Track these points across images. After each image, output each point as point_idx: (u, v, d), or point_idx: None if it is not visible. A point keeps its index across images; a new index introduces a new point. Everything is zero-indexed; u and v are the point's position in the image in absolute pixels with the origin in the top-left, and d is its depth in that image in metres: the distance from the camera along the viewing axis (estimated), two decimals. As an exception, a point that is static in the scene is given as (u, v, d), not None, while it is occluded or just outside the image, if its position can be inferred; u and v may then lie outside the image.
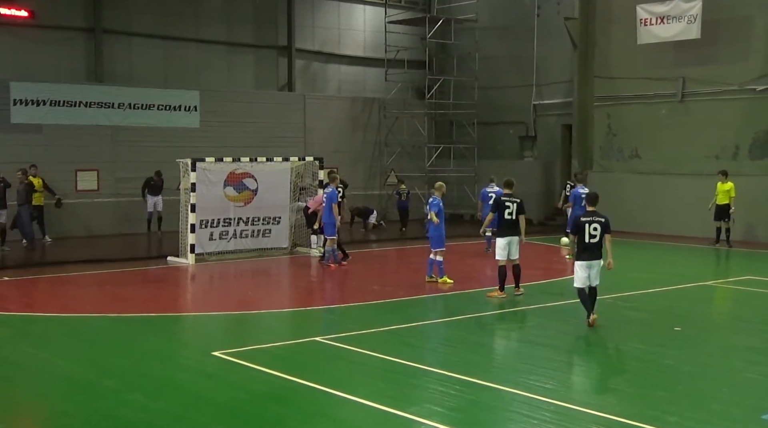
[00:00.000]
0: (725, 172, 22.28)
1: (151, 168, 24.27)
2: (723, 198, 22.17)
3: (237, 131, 26.51)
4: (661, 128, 25.83)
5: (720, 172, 22.33)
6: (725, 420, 8.37)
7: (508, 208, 14.61)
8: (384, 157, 30.49)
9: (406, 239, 24.80)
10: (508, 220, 14.62)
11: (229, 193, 20.19)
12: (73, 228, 23.90)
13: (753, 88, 23.74)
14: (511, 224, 14.62)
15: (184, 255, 19.42)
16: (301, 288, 17.48)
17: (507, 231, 14.68)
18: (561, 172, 28.87)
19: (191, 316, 14.42)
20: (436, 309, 14.41)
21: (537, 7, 29.20)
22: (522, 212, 14.66)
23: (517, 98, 29.74)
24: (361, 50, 31.45)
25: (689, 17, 24.00)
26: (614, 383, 9.68)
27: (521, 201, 14.76)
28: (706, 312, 14.70)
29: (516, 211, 14.57)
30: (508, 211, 14.59)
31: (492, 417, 8.48)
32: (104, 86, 24.99)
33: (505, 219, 14.63)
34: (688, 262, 20.71)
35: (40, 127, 23.63)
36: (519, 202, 14.67)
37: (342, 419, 8.48)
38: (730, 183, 22.07)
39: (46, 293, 16.26)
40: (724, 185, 22.13)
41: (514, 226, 14.64)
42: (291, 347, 11.57)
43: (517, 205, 14.60)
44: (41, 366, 10.61)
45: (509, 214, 14.58)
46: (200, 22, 27.59)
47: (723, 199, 22.18)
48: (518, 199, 14.72)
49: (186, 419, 8.38)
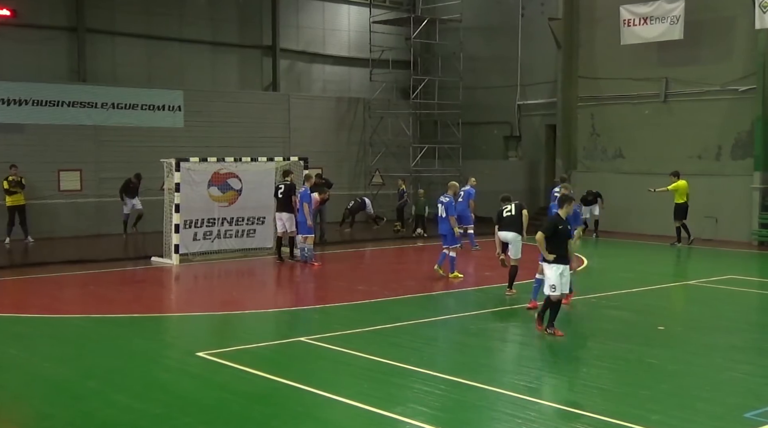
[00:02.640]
0: (677, 173, 22.71)
1: (134, 168, 24.16)
2: (679, 197, 22.60)
3: (221, 131, 26.42)
4: (644, 128, 25.96)
5: (672, 174, 22.74)
6: (708, 419, 8.42)
7: (507, 208, 14.67)
8: (369, 157, 30.48)
9: (397, 238, 24.77)
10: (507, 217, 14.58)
11: (213, 193, 20.12)
12: (56, 228, 23.73)
13: (735, 89, 23.90)
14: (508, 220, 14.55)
15: (168, 255, 19.33)
16: (286, 288, 17.45)
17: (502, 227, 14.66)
18: (545, 172, 29.00)
19: (175, 317, 14.36)
20: (422, 309, 14.39)
21: (521, 8, 29.28)
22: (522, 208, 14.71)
23: (502, 98, 29.81)
24: (345, 50, 31.43)
25: (672, 18, 24.13)
26: (598, 382, 9.72)
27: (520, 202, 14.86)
28: (689, 311, 14.78)
29: (516, 209, 14.57)
30: (507, 210, 14.64)
31: (477, 416, 8.50)
32: (87, 86, 24.84)
33: (504, 216, 14.62)
34: (672, 262, 20.83)
35: (22, 127, 23.45)
36: (518, 203, 14.75)
37: (327, 419, 8.47)
38: (683, 181, 22.51)
39: (29, 294, 16.12)
40: (679, 184, 22.59)
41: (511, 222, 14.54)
42: (276, 347, 11.55)
43: (516, 205, 14.66)
44: (24, 367, 10.53)
45: (508, 212, 14.60)
46: (184, 22, 27.48)
47: (679, 198, 22.61)
48: (516, 201, 14.81)
49: (170, 420, 8.35)
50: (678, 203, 22.72)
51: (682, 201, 22.62)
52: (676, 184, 22.62)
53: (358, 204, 27.40)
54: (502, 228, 14.61)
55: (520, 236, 14.61)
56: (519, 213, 14.54)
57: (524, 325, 12.98)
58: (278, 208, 19.57)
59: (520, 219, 14.51)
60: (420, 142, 30.93)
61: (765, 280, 18.26)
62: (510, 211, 14.60)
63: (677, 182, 22.65)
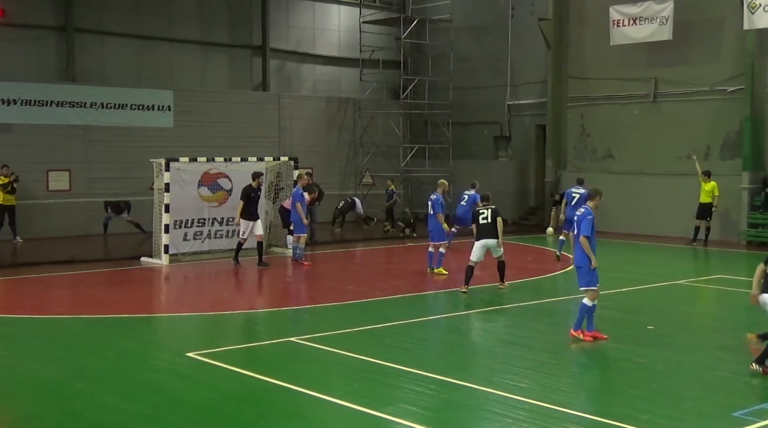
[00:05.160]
0: (708, 172, 22.60)
1: (124, 168, 24.22)
2: (705, 197, 22.58)
3: (211, 131, 26.36)
4: (633, 128, 26.04)
5: (703, 172, 22.66)
6: (697, 418, 8.46)
7: (483, 214, 15.33)
8: (359, 157, 30.47)
9: (386, 238, 24.78)
10: (483, 225, 15.28)
11: (203, 193, 20.08)
12: (45, 228, 23.62)
13: (724, 89, 24.01)
14: (485, 228, 15.24)
15: (158, 255, 19.28)
16: (276, 288, 17.42)
17: (482, 235, 15.30)
18: (535, 172, 29.05)
19: (165, 317, 14.32)
20: (412, 309, 14.40)
21: (511, 8, 29.32)
22: (497, 216, 15.34)
23: (492, 98, 29.86)
24: (335, 50, 31.41)
25: (661, 19, 24.21)
26: (587, 381, 9.75)
27: (496, 207, 15.48)
28: (678, 310, 14.83)
29: (491, 216, 15.24)
30: (483, 217, 15.29)
31: (467, 416, 8.51)
32: (76, 85, 24.75)
33: (481, 223, 15.32)
34: (661, 261, 20.88)
35: (11, 127, 23.36)
36: (494, 208, 15.41)
37: (317, 419, 8.47)
38: (713, 182, 22.44)
39: (17, 294, 16.04)
40: (707, 185, 22.51)
41: (489, 230, 15.21)
42: (266, 347, 11.54)
43: (491, 211, 15.30)
44: (12, 368, 10.48)
45: (484, 219, 15.27)
46: (174, 21, 27.40)
47: (705, 198, 22.58)
48: (493, 206, 15.48)
49: (160, 420, 8.33)
50: (702, 203, 22.75)
51: (707, 201, 22.64)
52: (713, 185, 22.42)
53: (348, 204, 27.40)
54: (481, 237, 15.28)
55: (495, 240, 15.24)
56: (494, 220, 15.20)
57: (513, 325, 13.00)
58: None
59: (495, 226, 15.17)
60: (410, 142, 30.94)
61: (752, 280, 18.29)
62: (486, 217, 15.26)
63: (710, 183, 22.55)
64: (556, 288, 16.88)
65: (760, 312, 10.51)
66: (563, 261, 19.20)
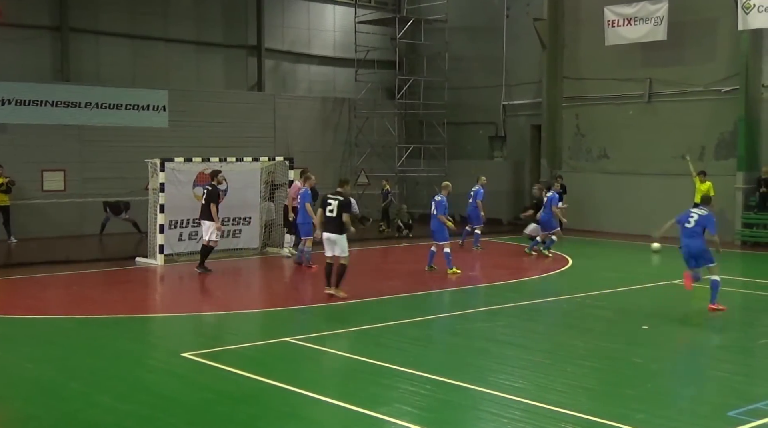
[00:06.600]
0: (704, 173, 22.60)
1: (119, 168, 24.14)
2: (700, 197, 22.47)
3: (206, 131, 26.32)
4: (628, 128, 26.09)
5: (700, 172, 22.64)
6: (693, 417, 8.47)
7: (330, 205, 14.29)
8: (354, 157, 30.47)
9: (382, 239, 24.76)
10: (329, 217, 14.28)
11: (198, 194, 19.99)
12: (40, 228, 23.57)
13: (718, 89, 24.07)
14: (331, 221, 14.25)
15: (153, 255, 19.25)
16: (272, 288, 17.41)
17: (327, 228, 14.36)
18: (530, 172, 29.07)
19: (160, 317, 14.30)
20: (408, 309, 14.40)
21: (506, 8, 29.35)
22: (346, 211, 14.19)
23: (487, 98, 29.87)
24: (330, 50, 31.41)
25: (656, 19, 24.26)
26: (583, 381, 9.75)
27: (347, 200, 14.31)
28: (673, 310, 14.85)
29: (337, 209, 14.15)
30: (329, 209, 14.27)
31: (462, 416, 8.51)
32: (71, 85, 24.71)
33: (326, 216, 14.31)
34: (656, 261, 20.91)
35: (5, 127, 23.32)
36: (342, 200, 14.21)
37: (313, 419, 8.46)
38: (708, 182, 22.41)
39: (12, 294, 16.01)
40: (702, 185, 22.47)
41: (334, 223, 14.21)
42: (261, 348, 11.53)
43: (339, 203, 14.17)
44: (7, 368, 10.46)
45: (330, 212, 14.25)
46: (169, 21, 27.37)
47: (700, 198, 22.48)
48: (342, 198, 14.25)
49: (155, 420, 8.31)
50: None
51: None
52: (708, 185, 22.30)
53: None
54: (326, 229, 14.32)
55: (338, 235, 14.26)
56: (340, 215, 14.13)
57: (508, 325, 13.01)
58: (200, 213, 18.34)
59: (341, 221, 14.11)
60: (405, 142, 30.93)
61: (748, 280, 18.40)
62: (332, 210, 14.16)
63: (706, 183, 22.44)
64: (551, 289, 16.88)
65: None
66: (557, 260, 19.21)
